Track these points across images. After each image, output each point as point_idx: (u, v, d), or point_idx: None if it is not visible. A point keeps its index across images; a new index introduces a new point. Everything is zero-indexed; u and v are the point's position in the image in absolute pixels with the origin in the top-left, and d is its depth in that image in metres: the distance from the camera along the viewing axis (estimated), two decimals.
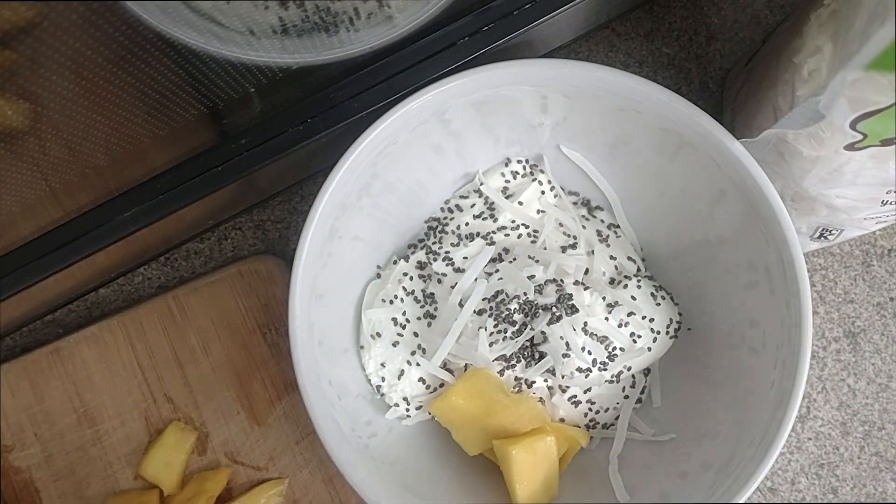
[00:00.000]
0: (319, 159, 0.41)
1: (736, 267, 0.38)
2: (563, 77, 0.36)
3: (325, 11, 0.32)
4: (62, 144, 0.33)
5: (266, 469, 0.42)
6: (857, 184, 0.34)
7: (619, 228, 0.42)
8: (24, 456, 0.42)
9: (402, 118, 0.35)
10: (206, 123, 0.37)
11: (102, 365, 0.43)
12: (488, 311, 0.37)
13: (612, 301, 0.38)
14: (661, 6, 0.48)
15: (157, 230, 0.39)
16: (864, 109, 0.29)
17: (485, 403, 0.37)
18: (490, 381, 0.38)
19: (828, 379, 0.46)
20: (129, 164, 0.37)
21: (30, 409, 0.42)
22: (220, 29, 0.30)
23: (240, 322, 0.43)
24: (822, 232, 0.40)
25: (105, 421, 0.43)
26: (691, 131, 0.36)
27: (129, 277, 0.46)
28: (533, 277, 0.38)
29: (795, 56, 0.34)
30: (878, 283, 0.47)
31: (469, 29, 0.37)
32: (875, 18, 0.26)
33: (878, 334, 0.46)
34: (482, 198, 0.41)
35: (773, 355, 0.35)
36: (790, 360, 0.34)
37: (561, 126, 0.40)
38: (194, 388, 0.43)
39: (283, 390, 0.43)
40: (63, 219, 0.37)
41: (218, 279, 0.44)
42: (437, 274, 0.39)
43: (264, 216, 0.47)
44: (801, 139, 0.33)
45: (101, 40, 0.27)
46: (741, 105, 0.42)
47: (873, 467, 0.45)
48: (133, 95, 0.32)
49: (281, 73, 0.34)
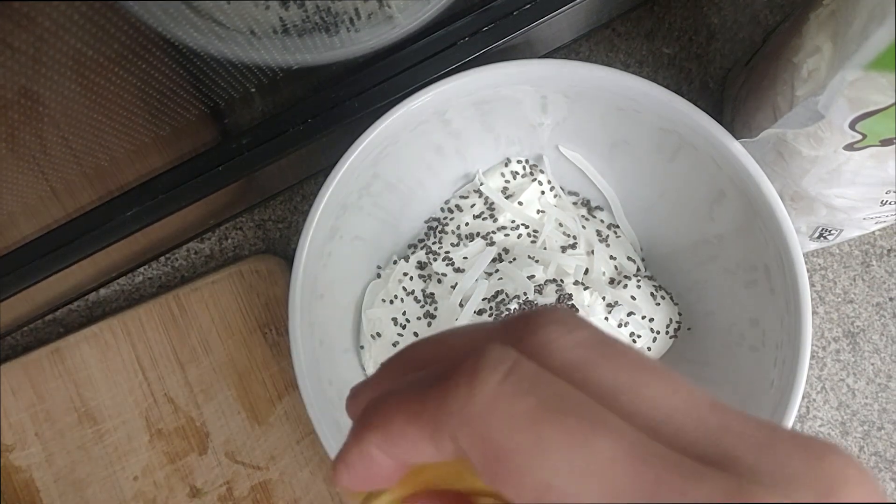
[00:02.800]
0: (320, 159, 0.41)
1: (736, 266, 0.38)
2: (563, 77, 0.36)
3: (326, 11, 0.32)
4: (63, 144, 0.33)
5: (266, 469, 0.42)
6: (857, 184, 0.34)
7: (619, 228, 0.42)
8: (25, 455, 0.42)
9: (402, 118, 0.35)
10: (207, 123, 0.37)
11: (103, 364, 0.43)
12: (488, 312, 0.37)
13: (611, 301, 0.38)
14: (662, 6, 0.48)
15: (158, 230, 0.39)
16: (863, 109, 0.29)
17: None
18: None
19: (827, 379, 0.46)
20: (130, 163, 0.37)
21: (30, 409, 0.43)
22: (220, 29, 0.30)
23: (240, 322, 0.44)
24: (822, 232, 0.40)
25: (106, 420, 0.43)
26: (691, 131, 0.36)
27: (130, 277, 0.46)
28: (533, 277, 0.38)
29: (795, 56, 0.34)
30: (878, 283, 0.47)
31: (469, 29, 0.37)
32: (874, 18, 0.26)
33: (877, 334, 0.46)
34: (482, 198, 0.41)
35: (772, 355, 0.35)
36: (790, 359, 0.34)
37: (561, 126, 0.40)
38: (195, 388, 0.43)
39: (283, 390, 0.43)
40: (64, 218, 0.37)
41: (219, 279, 0.44)
42: (437, 274, 0.39)
43: (265, 216, 0.47)
44: (800, 139, 0.33)
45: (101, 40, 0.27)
46: (741, 105, 0.42)
47: (872, 467, 0.45)
48: (134, 95, 0.32)
49: (282, 72, 0.34)
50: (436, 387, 0.15)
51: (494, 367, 0.14)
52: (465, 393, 0.14)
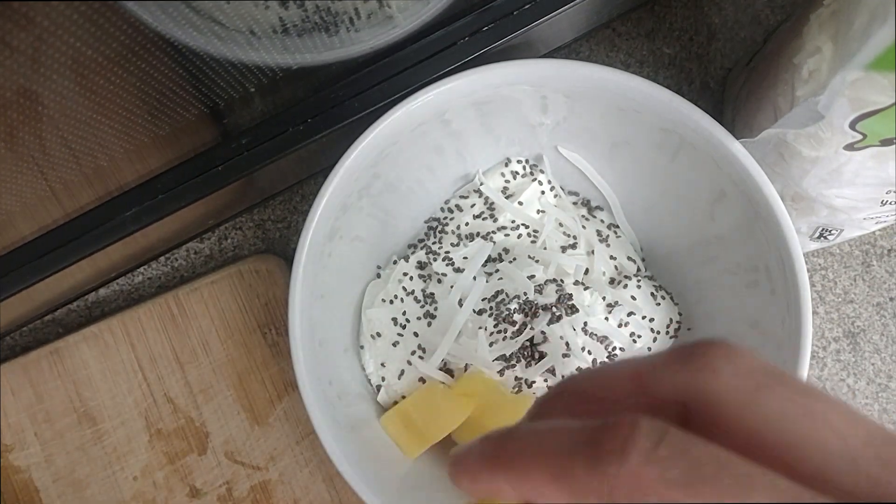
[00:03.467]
0: (320, 159, 0.41)
1: (736, 267, 0.38)
2: (563, 77, 0.36)
3: (326, 11, 0.32)
4: (62, 144, 0.33)
5: (266, 469, 0.42)
6: (857, 184, 0.34)
7: (619, 228, 0.42)
8: (24, 456, 0.42)
9: (402, 118, 0.35)
10: (207, 123, 0.37)
11: (102, 365, 0.43)
12: (488, 311, 0.37)
13: (612, 301, 0.38)
14: (662, 6, 0.48)
15: (158, 230, 0.39)
16: (863, 109, 0.29)
17: (482, 403, 0.37)
18: (487, 383, 0.38)
19: (828, 379, 0.46)
20: (129, 163, 0.37)
21: (30, 409, 0.42)
22: (220, 29, 0.30)
23: (240, 322, 0.43)
24: (822, 232, 0.40)
25: (105, 421, 0.43)
26: (691, 131, 0.36)
27: (130, 277, 0.46)
28: (533, 277, 0.38)
29: (795, 56, 0.34)
30: (878, 283, 0.47)
31: (469, 29, 0.37)
32: (875, 19, 0.26)
33: (877, 334, 0.46)
34: (482, 198, 0.41)
35: (772, 355, 0.35)
36: (790, 359, 0.34)
37: (561, 126, 0.40)
38: (194, 388, 0.43)
39: (283, 390, 0.43)
40: (63, 219, 0.37)
41: (218, 279, 0.44)
42: (437, 274, 0.39)
43: (265, 216, 0.47)
44: (800, 139, 0.33)
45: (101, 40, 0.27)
46: (742, 105, 0.42)
47: None
48: (133, 95, 0.32)
49: (281, 72, 0.34)
50: (587, 449, 0.15)
51: (647, 433, 0.15)
52: (617, 458, 0.15)
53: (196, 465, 0.42)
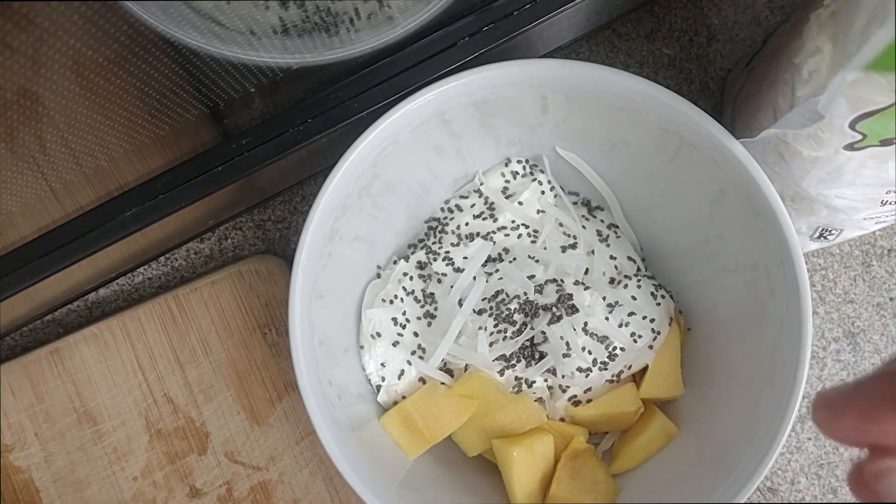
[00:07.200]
0: (320, 159, 0.41)
1: (736, 266, 0.38)
2: (563, 77, 0.36)
3: (326, 11, 0.32)
4: (62, 144, 0.33)
5: (266, 469, 0.42)
6: (857, 184, 0.34)
7: (619, 228, 0.42)
8: (24, 456, 0.42)
9: (402, 118, 0.35)
10: (207, 123, 0.37)
11: (102, 365, 0.43)
12: (488, 311, 0.37)
13: (612, 301, 0.38)
14: (662, 7, 0.48)
15: (158, 230, 0.39)
16: (863, 109, 0.29)
17: (482, 404, 0.37)
18: (487, 383, 0.38)
19: (828, 379, 0.46)
20: (129, 164, 0.37)
21: (30, 409, 0.42)
22: (220, 29, 0.30)
23: (240, 322, 0.44)
24: (822, 232, 0.40)
25: (105, 420, 0.43)
26: (691, 131, 0.36)
27: (130, 277, 0.46)
28: (533, 277, 0.38)
29: (795, 57, 0.34)
30: (878, 283, 0.47)
31: (469, 29, 0.37)
32: (874, 19, 0.26)
33: (877, 334, 0.46)
34: (482, 198, 0.41)
35: (772, 355, 0.35)
36: (790, 359, 0.34)
37: (561, 126, 0.40)
38: (194, 388, 0.43)
39: (283, 390, 0.43)
40: (63, 219, 0.37)
41: (218, 279, 0.44)
42: (437, 274, 0.39)
43: (265, 216, 0.47)
44: (800, 139, 0.33)
45: (101, 40, 0.27)
46: (741, 105, 0.42)
47: None
48: (134, 95, 0.32)
49: (281, 73, 0.34)
50: None
51: None
52: None
53: (196, 465, 0.43)
